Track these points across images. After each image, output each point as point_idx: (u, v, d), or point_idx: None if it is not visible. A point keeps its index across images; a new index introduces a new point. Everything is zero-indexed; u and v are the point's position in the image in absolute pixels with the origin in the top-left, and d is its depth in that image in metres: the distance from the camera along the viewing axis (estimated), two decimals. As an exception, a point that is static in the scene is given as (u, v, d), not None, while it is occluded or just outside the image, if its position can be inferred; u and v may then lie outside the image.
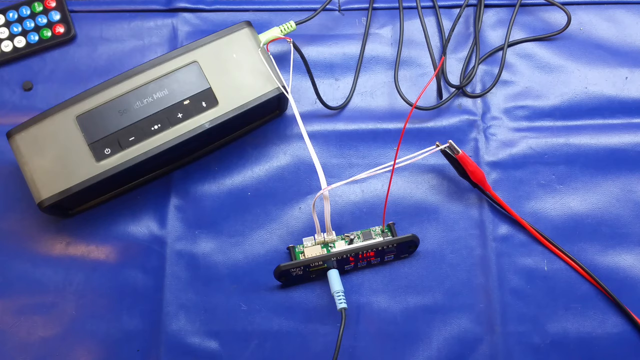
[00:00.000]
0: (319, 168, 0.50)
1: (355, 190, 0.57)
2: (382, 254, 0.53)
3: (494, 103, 0.60)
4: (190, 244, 0.56)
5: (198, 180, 0.58)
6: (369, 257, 0.53)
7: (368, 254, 0.53)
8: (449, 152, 0.54)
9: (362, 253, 0.52)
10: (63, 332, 0.54)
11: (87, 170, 0.51)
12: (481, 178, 0.55)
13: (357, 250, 0.52)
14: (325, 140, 0.59)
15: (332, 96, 0.60)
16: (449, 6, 0.63)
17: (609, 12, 0.63)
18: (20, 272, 0.55)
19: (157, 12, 0.63)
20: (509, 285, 0.55)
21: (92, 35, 0.62)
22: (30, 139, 0.52)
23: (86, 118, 0.52)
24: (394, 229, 0.54)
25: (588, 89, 0.61)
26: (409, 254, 0.55)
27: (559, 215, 0.57)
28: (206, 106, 0.53)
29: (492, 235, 0.56)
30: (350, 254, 0.52)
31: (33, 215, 0.56)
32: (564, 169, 0.58)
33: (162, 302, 0.54)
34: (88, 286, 0.55)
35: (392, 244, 0.52)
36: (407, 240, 0.53)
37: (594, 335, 0.53)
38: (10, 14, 0.61)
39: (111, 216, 0.57)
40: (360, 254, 0.53)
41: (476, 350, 0.53)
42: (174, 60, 0.54)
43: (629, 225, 0.56)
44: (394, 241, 0.53)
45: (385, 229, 0.54)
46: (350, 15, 0.63)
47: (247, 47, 0.54)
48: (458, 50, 0.62)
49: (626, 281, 0.55)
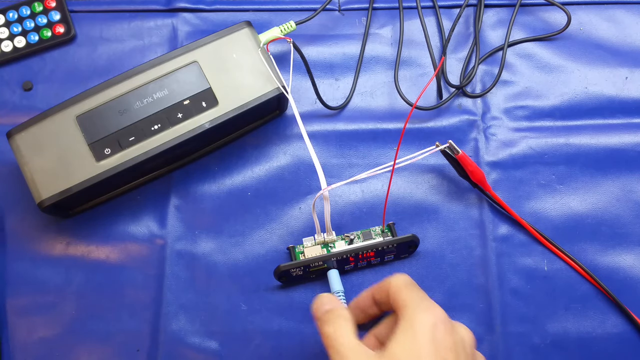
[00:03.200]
0: (318, 168, 0.50)
1: (355, 190, 0.57)
2: (382, 254, 0.53)
3: (494, 103, 0.60)
4: (190, 244, 0.56)
5: (198, 180, 0.58)
6: (369, 257, 0.53)
7: (368, 254, 0.53)
8: (448, 152, 0.54)
9: (362, 253, 0.52)
10: (63, 332, 0.54)
11: (87, 170, 0.51)
12: (481, 178, 0.55)
13: (357, 251, 0.52)
14: (325, 140, 0.59)
15: (332, 96, 0.60)
16: (449, 6, 0.63)
17: (609, 12, 0.63)
18: (20, 272, 0.55)
19: (157, 12, 0.63)
20: (509, 285, 0.55)
21: (92, 35, 0.62)
22: (30, 139, 0.52)
23: (86, 118, 0.52)
24: (394, 229, 0.54)
25: (588, 89, 0.61)
26: (408, 254, 0.55)
27: (559, 215, 0.57)
28: (206, 106, 0.53)
29: (492, 235, 0.56)
30: (350, 254, 0.52)
31: (33, 215, 0.56)
32: (564, 169, 0.58)
33: (162, 302, 0.54)
34: (88, 286, 0.55)
35: (392, 244, 0.52)
36: (407, 240, 0.53)
37: (594, 335, 0.53)
38: (10, 14, 0.61)
39: (111, 216, 0.57)
40: (360, 254, 0.53)
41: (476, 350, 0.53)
42: (174, 60, 0.54)
43: (629, 225, 0.56)
44: (394, 241, 0.53)
45: (385, 229, 0.54)
46: (350, 15, 0.63)
47: (247, 47, 0.54)
48: (458, 50, 0.62)
49: (626, 281, 0.55)
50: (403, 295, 0.43)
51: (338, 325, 0.42)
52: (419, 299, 0.42)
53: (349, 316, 0.43)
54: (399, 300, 0.43)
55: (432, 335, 0.40)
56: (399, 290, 0.43)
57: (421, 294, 0.43)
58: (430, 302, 0.42)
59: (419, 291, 0.43)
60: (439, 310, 0.41)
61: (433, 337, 0.40)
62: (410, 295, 0.43)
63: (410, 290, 0.43)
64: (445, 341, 0.40)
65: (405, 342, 0.40)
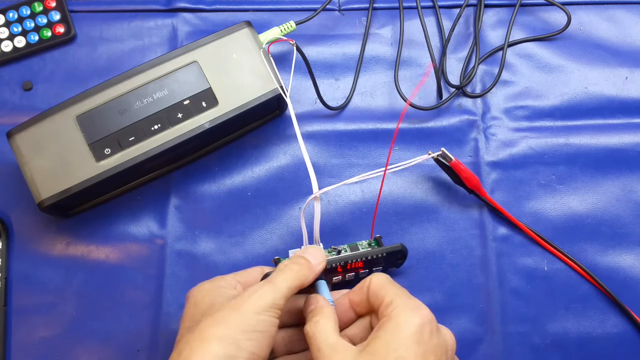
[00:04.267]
0: (311, 172, 0.48)
1: (355, 190, 0.57)
2: (371, 264, 0.52)
3: (494, 103, 0.60)
4: (190, 244, 0.56)
5: (198, 180, 0.58)
6: (358, 268, 0.52)
7: (356, 264, 0.51)
8: (442, 160, 0.54)
9: (350, 263, 0.51)
10: (63, 332, 0.54)
11: (87, 170, 0.51)
12: (476, 184, 0.55)
13: (346, 259, 0.51)
14: (325, 140, 0.59)
15: (332, 96, 0.60)
16: (449, 6, 0.63)
17: (609, 12, 0.63)
18: (20, 272, 0.55)
19: (157, 12, 0.62)
20: (509, 285, 0.55)
21: (92, 35, 0.62)
22: (30, 139, 0.52)
23: (86, 118, 0.52)
24: (381, 242, 0.53)
25: (588, 89, 0.61)
26: (396, 267, 0.54)
27: (559, 215, 0.57)
28: (206, 106, 0.53)
29: (492, 235, 0.56)
30: (339, 263, 0.50)
31: (33, 215, 0.56)
32: (564, 169, 0.58)
33: (162, 302, 0.54)
34: (88, 286, 0.55)
35: (380, 253, 0.51)
36: (395, 249, 0.52)
37: (594, 335, 0.53)
38: (10, 14, 0.61)
39: (111, 216, 0.57)
40: (349, 264, 0.51)
41: (476, 350, 0.53)
42: (174, 60, 0.54)
43: (629, 225, 0.56)
44: (383, 250, 0.51)
45: (372, 243, 0.53)
46: (350, 15, 0.63)
47: (247, 47, 0.54)
48: (458, 50, 0.62)
49: (626, 281, 0.55)
50: (385, 292, 0.42)
51: (319, 324, 0.42)
52: (406, 297, 0.42)
53: (330, 314, 0.42)
54: (382, 298, 0.42)
55: (419, 336, 0.39)
56: (381, 287, 0.43)
57: (405, 292, 0.42)
58: (416, 301, 0.41)
59: (402, 289, 0.43)
60: (426, 311, 0.41)
61: (420, 338, 0.39)
62: (394, 292, 0.42)
63: (393, 287, 0.43)
64: (431, 343, 0.39)
65: (390, 341, 0.39)
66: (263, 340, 0.40)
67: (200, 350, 0.38)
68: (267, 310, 0.40)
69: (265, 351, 0.40)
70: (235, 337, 0.39)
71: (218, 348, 0.38)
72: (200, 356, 0.38)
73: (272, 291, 0.41)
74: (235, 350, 0.38)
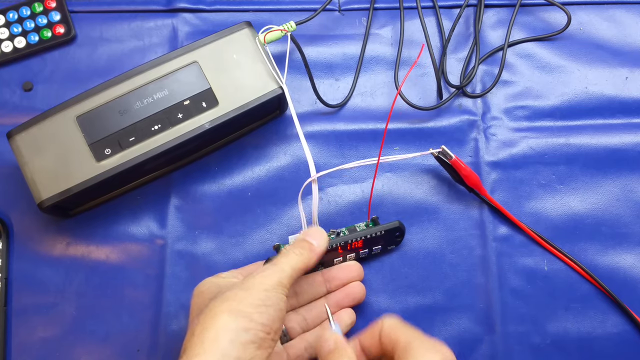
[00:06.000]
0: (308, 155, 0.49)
1: (355, 190, 0.57)
2: (370, 243, 0.53)
3: (494, 103, 0.60)
4: (190, 244, 0.56)
5: (198, 181, 0.58)
6: (357, 248, 0.53)
7: (356, 243, 0.53)
8: (442, 158, 0.54)
9: (350, 243, 0.52)
10: (63, 332, 0.54)
11: (87, 170, 0.51)
12: (476, 182, 0.55)
13: (345, 240, 0.52)
14: (325, 140, 0.59)
15: (332, 96, 0.60)
16: (449, 6, 0.63)
17: (609, 12, 0.63)
18: (20, 272, 0.55)
19: (157, 12, 0.63)
20: (509, 285, 0.55)
21: (92, 36, 0.62)
22: (30, 140, 0.52)
23: (86, 118, 0.52)
24: (377, 222, 0.54)
25: (588, 89, 0.61)
26: (395, 245, 0.55)
27: (559, 215, 0.57)
28: (206, 106, 0.53)
29: (492, 235, 0.56)
30: (340, 244, 0.52)
31: (33, 215, 0.56)
32: (564, 169, 0.58)
33: (162, 302, 0.54)
34: (88, 286, 0.55)
35: (379, 231, 0.52)
36: (393, 227, 0.53)
37: (594, 335, 0.53)
38: (10, 14, 0.62)
39: (111, 216, 0.57)
40: (349, 244, 0.52)
41: (476, 350, 0.53)
42: (174, 61, 0.54)
43: (629, 225, 0.56)
44: (381, 228, 0.53)
45: (369, 224, 0.54)
46: (350, 15, 0.63)
47: (247, 47, 0.54)
48: (458, 50, 0.62)
49: (626, 281, 0.55)
50: (400, 334, 0.42)
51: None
52: (422, 337, 0.41)
53: (352, 355, 0.42)
54: (396, 340, 0.41)
55: None
56: (395, 329, 0.42)
57: (420, 333, 0.42)
58: (434, 340, 0.41)
59: (416, 330, 0.42)
60: (446, 349, 0.40)
61: None
62: (410, 334, 0.41)
63: (407, 329, 0.42)
64: None
65: None
66: (274, 314, 0.40)
67: (214, 325, 0.38)
68: (275, 288, 0.41)
69: (277, 324, 0.41)
70: (246, 311, 0.39)
71: (230, 320, 0.39)
72: (215, 331, 0.38)
73: (277, 272, 0.42)
74: (247, 322, 0.39)
